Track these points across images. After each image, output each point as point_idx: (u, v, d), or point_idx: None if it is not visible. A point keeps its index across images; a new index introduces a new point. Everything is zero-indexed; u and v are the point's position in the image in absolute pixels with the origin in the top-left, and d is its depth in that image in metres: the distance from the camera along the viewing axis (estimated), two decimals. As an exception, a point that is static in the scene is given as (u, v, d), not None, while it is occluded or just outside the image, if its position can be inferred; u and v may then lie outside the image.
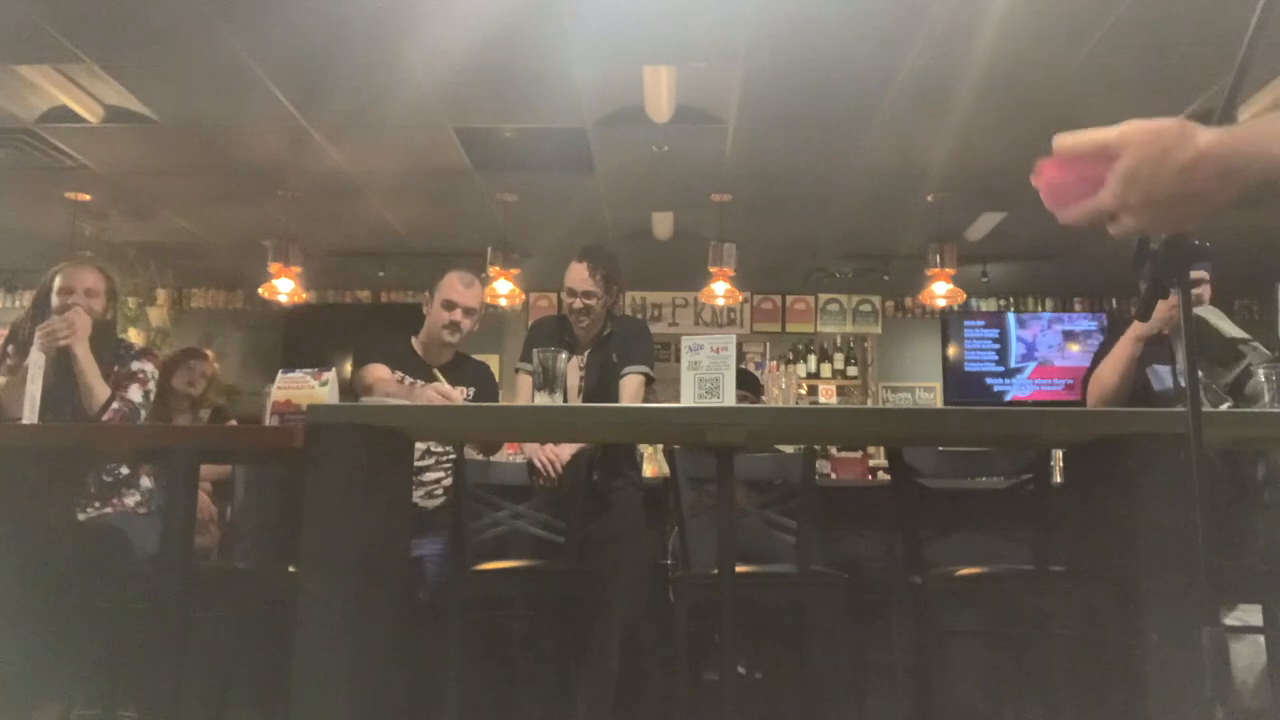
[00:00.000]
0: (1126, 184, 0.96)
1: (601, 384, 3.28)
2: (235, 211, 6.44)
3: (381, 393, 3.04)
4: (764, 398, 4.11)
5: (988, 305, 8.40)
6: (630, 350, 3.30)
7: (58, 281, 3.01)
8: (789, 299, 8.48)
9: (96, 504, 2.99)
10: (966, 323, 8.26)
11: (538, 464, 3.05)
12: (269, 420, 2.51)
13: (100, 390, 2.88)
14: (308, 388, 2.50)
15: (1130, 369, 2.93)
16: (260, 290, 6.52)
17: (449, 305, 3.22)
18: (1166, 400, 2.86)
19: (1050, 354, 8.17)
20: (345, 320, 8.17)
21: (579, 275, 3.28)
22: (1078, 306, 8.36)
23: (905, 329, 8.50)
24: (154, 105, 4.84)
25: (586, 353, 3.35)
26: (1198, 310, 2.80)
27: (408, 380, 3.17)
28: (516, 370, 3.40)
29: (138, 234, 6.89)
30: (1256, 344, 2.83)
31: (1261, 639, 2.84)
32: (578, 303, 3.28)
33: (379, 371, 3.13)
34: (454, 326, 3.22)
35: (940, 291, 6.33)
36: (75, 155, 5.46)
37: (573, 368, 3.28)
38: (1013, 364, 8.18)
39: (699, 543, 2.90)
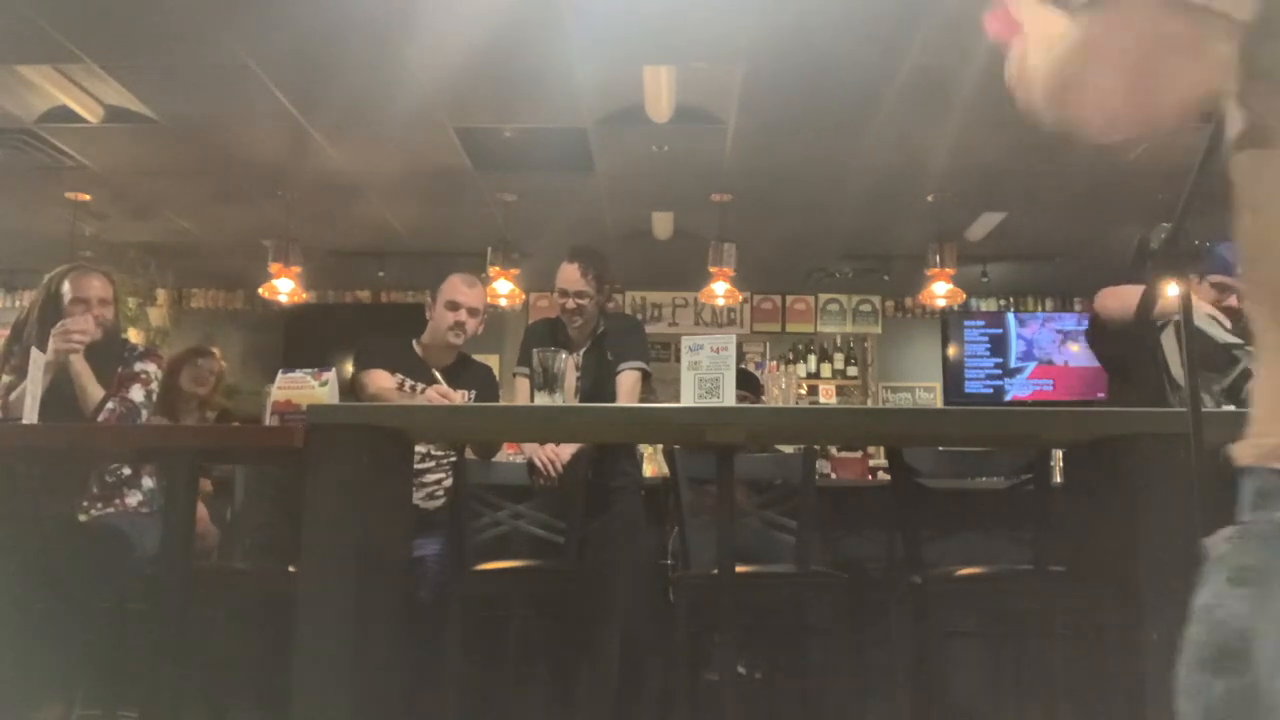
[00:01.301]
0: (1012, 60, 0.98)
1: (597, 383, 3.28)
2: (235, 211, 6.44)
3: (385, 402, 3.04)
4: (764, 398, 4.11)
5: (988, 305, 8.40)
6: (624, 347, 3.31)
7: (68, 290, 3.00)
8: (789, 299, 8.48)
9: (99, 504, 2.99)
10: (966, 323, 8.25)
11: (538, 464, 3.05)
12: (269, 420, 2.51)
13: (94, 391, 2.89)
14: (308, 388, 2.50)
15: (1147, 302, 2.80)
16: (260, 290, 6.51)
17: (452, 306, 3.22)
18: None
19: (1050, 354, 8.16)
20: (345, 320, 8.16)
21: (571, 276, 3.29)
22: (1078, 306, 8.35)
23: (905, 329, 8.50)
24: (154, 105, 4.84)
25: (581, 352, 3.35)
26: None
27: (408, 384, 3.17)
28: (514, 375, 3.41)
29: (138, 234, 6.89)
30: (1251, 348, 2.82)
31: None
32: (570, 303, 3.29)
33: (381, 380, 3.13)
34: (459, 328, 3.22)
35: (940, 291, 6.32)
36: (75, 155, 5.46)
37: (569, 368, 3.29)
38: (1013, 364, 8.18)
39: (699, 543, 2.90)
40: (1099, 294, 2.96)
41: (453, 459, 3.11)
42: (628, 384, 3.23)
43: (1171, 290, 2.85)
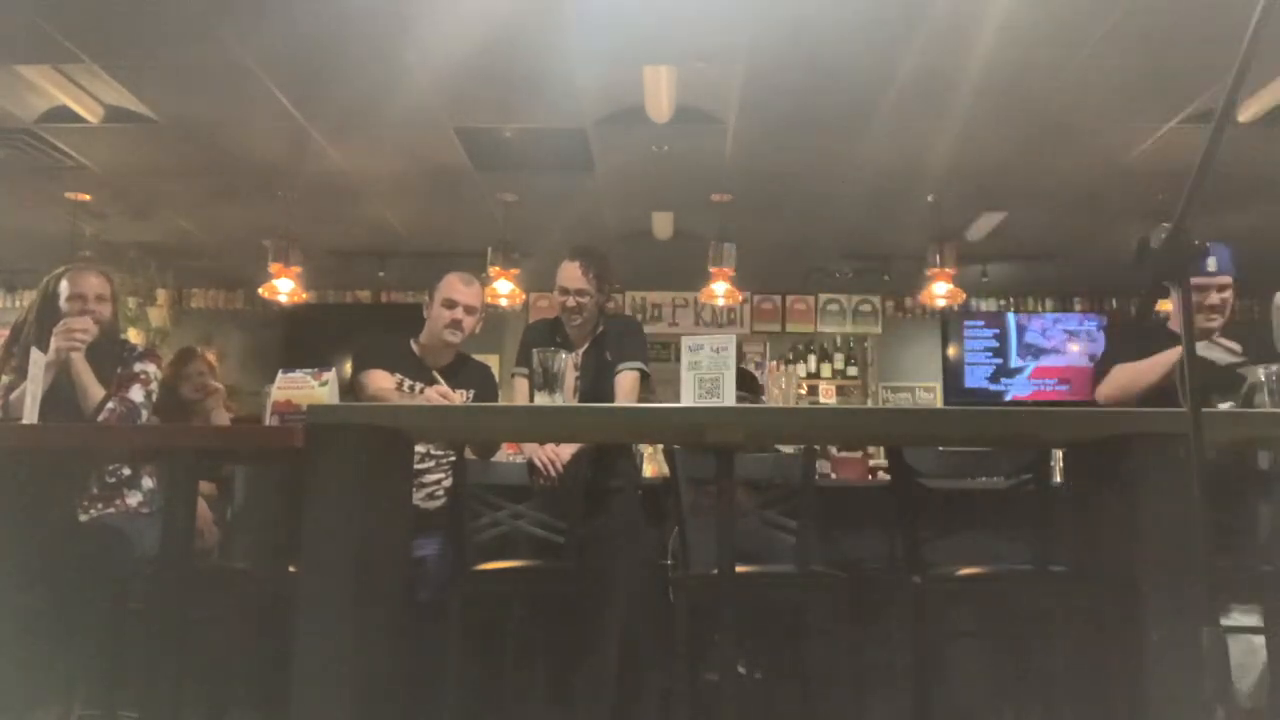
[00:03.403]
0: None
1: (596, 383, 3.28)
2: (235, 211, 6.44)
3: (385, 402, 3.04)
4: (764, 398, 4.11)
5: (988, 305, 8.40)
6: (624, 348, 3.31)
7: (65, 288, 3.01)
8: (789, 299, 8.48)
9: (99, 504, 2.99)
10: (966, 323, 8.25)
11: (538, 464, 3.05)
12: (269, 420, 2.51)
13: (95, 391, 2.89)
14: (308, 388, 2.50)
15: (1164, 379, 2.94)
16: (260, 290, 6.51)
17: (450, 304, 3.22)
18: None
19: (1050, 354, 8.17)
20: (345, 320, 8.16)
21: (572, 274, 3.30)
22: (1078, 306, 8.36)
23: (905, 329, 8.50)
24: (154, 105, 4.84)
25: (581, 351, 3.35)
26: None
27: (406, 384, 3.17)
28: (513, 375, 3.40)
29: (138, 234, 6.89)
30: (1250, 364, 2.83)
31: (1259, 639, 2.84)
32: (570, 301, 3.30)
33: (381, 380, 3.12)
34: (456, 325, 3.21)
35: (940, 291, 6.32)
36: (75, 155, 5.46)
37: (568, 367, 3.29)
38: (1013, 364, 8.18)
39: (699, 543, 2.90)
40: (1102, 389, 3.04)
41: (453, 459, 3.11)
42: (626, 384, 3.23)
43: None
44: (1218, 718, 1.08)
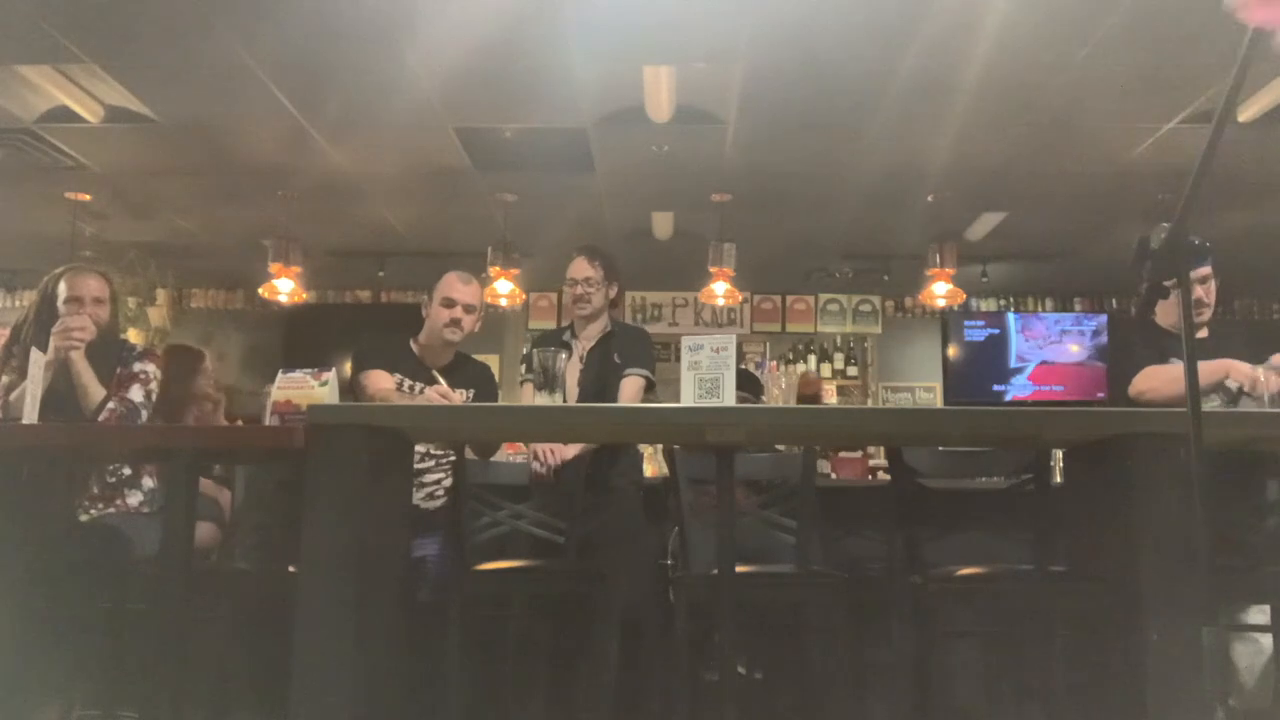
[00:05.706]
0: None
1: (600, 382, 3.29)
2: (235, 211, 6.44)
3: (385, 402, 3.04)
4: (764, 398, 4.11)
5: (988, 305, 8.40)
6: (632, 353, 3.33)
7: (63, 289, 3.01)
8: (789, 299, 8.48)
9: (99, 504, 2.99)
10: (966, 323, 8.24)
11: (537, 453, 3.06)
12: (269, 420, 2.51)
13: (95, 391, 2.89)
14: (308, 388, 2.50)
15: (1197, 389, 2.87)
16: (260, 290, 6.51)
17: (449, 303, 3.22)
18: None
19: (1050, 354, 8.16)
20: (345, 320, 8.16)
21: (579, 265, 3.41)
22: (1078, 306, 8.36)
23: (905, 329, 8.50)
24: (154, 105, 4.84)
25: (587, 349, 3.37)
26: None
27: (406, 384, 3.17)
28: (521, 382, 3.42)
29: (138, 234, 6.89)
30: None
31: (1260, 638, 2.84)
32: (579, 290, 3.39)
33: (381, 381, 3.12)
34: (455, 324, 3.22)
35: (940, 291, 6.32)
36: (75, 155, 5.46)
37: (572, 365, 3.31)
38: (1013, 364, 8.17)
39: (699, 543, 2.90)
40: (1139, 379, 2.99)
41: (453, 459, 3.11)
42: (631, 389, 3.24)
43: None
44: (1218, 718, 1.08)
